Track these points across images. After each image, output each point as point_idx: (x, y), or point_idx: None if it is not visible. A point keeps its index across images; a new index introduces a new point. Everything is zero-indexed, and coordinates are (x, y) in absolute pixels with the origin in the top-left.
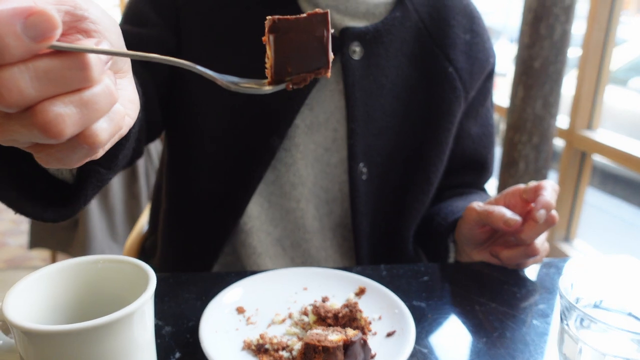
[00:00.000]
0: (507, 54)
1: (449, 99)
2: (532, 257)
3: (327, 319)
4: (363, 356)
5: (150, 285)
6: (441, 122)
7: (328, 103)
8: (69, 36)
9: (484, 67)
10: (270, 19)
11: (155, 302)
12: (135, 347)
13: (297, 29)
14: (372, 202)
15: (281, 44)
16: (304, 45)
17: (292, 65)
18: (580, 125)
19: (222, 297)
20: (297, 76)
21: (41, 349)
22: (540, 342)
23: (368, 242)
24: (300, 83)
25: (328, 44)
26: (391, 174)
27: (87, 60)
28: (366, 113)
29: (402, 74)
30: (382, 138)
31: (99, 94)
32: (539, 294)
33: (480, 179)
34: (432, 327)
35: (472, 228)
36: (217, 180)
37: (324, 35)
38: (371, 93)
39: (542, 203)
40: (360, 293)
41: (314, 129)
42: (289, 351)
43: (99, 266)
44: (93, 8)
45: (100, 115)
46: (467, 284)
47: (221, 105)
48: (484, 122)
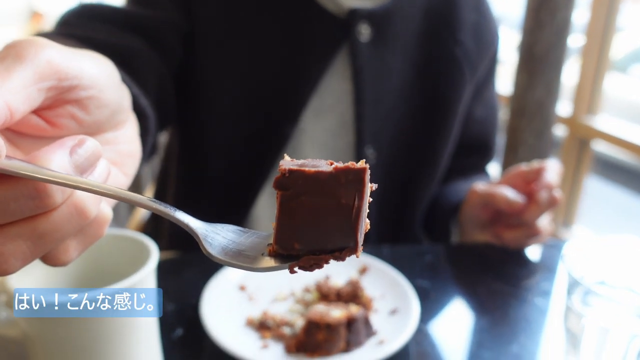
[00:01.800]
0: (508, 41)
1: (456, 84)
2: (535, 238)
3: (329, 297)
4: (365, 333)
5: (151, 259)
6: (448, 106)
7: (336, 87)
8: (56, 109)
9: (490, 48)
10: (280, 169)
11: (157, 279)
12: (138, 322)
13: (316, 188)
14: (380, 187)
15: (290, 209)
16: (323, 215)
17: (302, 240)
18: (582, 113)
19: (225, 274)
20: (308, 257)
21: (43, 323)
22: (542, 320)
23: (375, 226)
24: (312, 267)
25: (359, 217)
26: (399, 158)
27: (41, 186)
28: (374, 96)
29: (411, 56)
30: (390, 122)
31: (61, 221)
32: (541, 273)
33: (484, 160)
34: (434, 306)
35: (475, 209)
36: (229, 169)
37: (355, 203)
38: (380, 76)
39: (544, 184)
40: (363, 271)
41: (321, 114)
42: (291, 327)
43: (101, 241)
44: (86, 68)
45: (63, 239)
46: (470, 264)
47: (233, 92)
48: (489, 104)
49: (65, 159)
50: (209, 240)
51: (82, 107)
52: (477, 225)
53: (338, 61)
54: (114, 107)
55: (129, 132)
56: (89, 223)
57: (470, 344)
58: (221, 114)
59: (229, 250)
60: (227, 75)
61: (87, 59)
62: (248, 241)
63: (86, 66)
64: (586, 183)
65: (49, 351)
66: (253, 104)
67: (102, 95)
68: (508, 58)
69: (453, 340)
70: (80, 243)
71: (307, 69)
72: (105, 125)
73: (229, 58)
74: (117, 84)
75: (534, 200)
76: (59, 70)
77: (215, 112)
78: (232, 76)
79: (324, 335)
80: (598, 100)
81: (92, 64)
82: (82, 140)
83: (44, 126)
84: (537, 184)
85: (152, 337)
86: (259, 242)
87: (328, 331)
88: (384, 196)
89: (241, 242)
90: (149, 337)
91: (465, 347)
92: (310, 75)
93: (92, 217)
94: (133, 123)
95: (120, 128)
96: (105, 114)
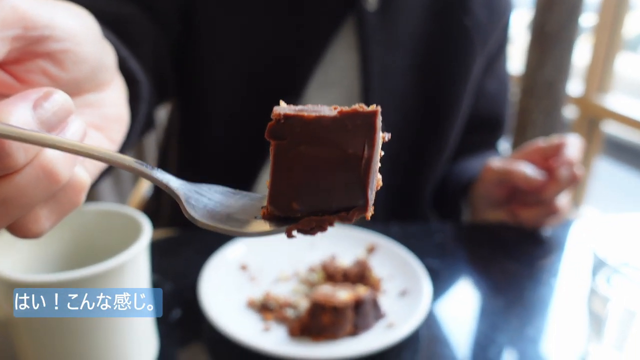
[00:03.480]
0: (520, 20)
1: (466, 56)
2: (554, 217)
3: (335, 277)
4: (374, 315)
5: (144, 236)
6: (458, 79)
7: (341, 60)
8: (25, 63)
9: (500, 18)
10: (274, 114)
11: (155, 258)
12: None
13: (318, 137)
14: (388, 162)
15: (287, 162)
16: (326, 168)
17: (302, 199)
18: (592, 92)
19: (225, 253)
20: (309, 218)
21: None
22: (560, 302)
23: (383, 203)
24: (313, 230)
25: (369, 169)
26: (407, 132)
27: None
28: (382, 69)
29: (420, 28)
30: (398, 95)
31: (26, 184)
32: (556, 253)
33: (494, 136)
34: (446, 287)
35: (490, 187)
36: (230, 145)
37: (364, 153)
38: (387, 48)
39: (565, 160)
40: (371, 251)
41: (326, 87)
42: (294, 309)
43: (90, 216)
44: (59, 18)
45: (30, 206)
46: (482, 243)
47: (235, 65)
48: (500, 78)
49: (27, 112)
50: (192, 202)
51: (55, 62)
52: (491, 204)
53: (344, 32)
54: (93, 63)
55: (114, 94)
56: (61, 188)
57: (483, 327)
58: (222, 88)
59: (216, 213)
60: (229, 48)
61: (61, 8)
62: (239, 203)
63: (59, 15)
64: (596, 164)
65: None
66: (255, 77)
67: (79, 49)
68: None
69: (465, 323)
70: (52, 212)
71: (311, 40)
72: (86, 85)
73: (230, 30)
74: (97, 39)
75: (553, 177)
76: (25, 17)
77: (216, 86)
78: (233, 49)
79: (330, 318)
80: (609, 79)
81: (67, 13)
82: (49, 92)
83: (10, 82)
84: (556, 160)
85: (146, 318)
86: (252, 205)
87: (334, 314)
88: (392, 171)
89: (230, 205)
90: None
91: (479, 331)
92: (314, 47)
93: (64, 181)
94: (119, 85)
95: (104, 89)
96: (83, 71)
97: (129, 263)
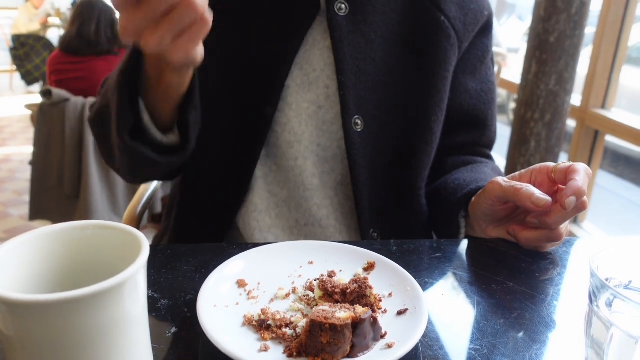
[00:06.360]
0: (517, 31)
1: (443, 47)
2: (554, 242)
3: (334, 295)
4: (373, 335)
5: (142, 253)
6: (438, 71)
7: (317, 61)
8: None
9: (478, 18)
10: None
11: (151, 273)
12: (126, 320)
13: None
14: (371, 155)
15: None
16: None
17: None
18: (594, 104)
19: (222, 269)
20: None
21: (22, 321)
22: (562, 324)
23: (369, 196)
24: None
25: None
26: (389, 126)
27: None
28: (356, 67)
29: (393, 29)
30: (377, 91)
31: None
32: (559, 273)
33: (482, 137)
34: (445, 307)
35: (494, 204)
36: (223, 149)
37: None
38: (360, 48)
39: (574, 189)
40: (369, 268)
41: (305, 88)
42: (292, 328)
43: (87, 232)
44: None
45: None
46: (483, 262)
47: (215, 69)
48: (484, 78)
49: None
50: None
51: None
52: (491, 220)
53: (318, 33)
54: None
55: None
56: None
57: (484, 349)
58: (204, 94)
59: None
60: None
61: None
62: None
63: None
64: (597, 178)
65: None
66: (236, 80)
67: None
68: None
69: (466, 344)
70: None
71: (285, 44)
72: None
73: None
74: None
75: (561, 204)
76: None
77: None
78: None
79: (328, 338)
80: (612, 91)
81: None
82: None
83: None
84: (565, 186)
85: (142, 336)
86: None
87: (332, 333)
88: (376, 164)
89: None
90: (139, 334)
91: (479, 353)
92: (287, 51)
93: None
94: None
95: None
96: None
97: (128, 281)
